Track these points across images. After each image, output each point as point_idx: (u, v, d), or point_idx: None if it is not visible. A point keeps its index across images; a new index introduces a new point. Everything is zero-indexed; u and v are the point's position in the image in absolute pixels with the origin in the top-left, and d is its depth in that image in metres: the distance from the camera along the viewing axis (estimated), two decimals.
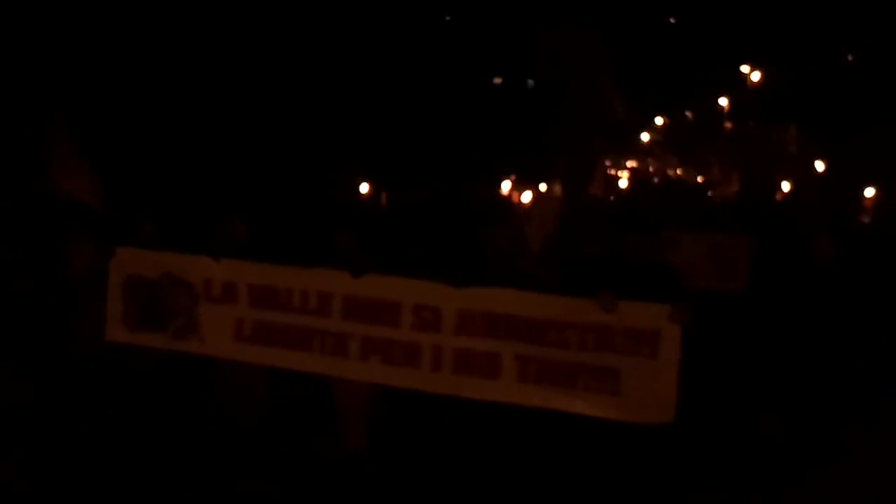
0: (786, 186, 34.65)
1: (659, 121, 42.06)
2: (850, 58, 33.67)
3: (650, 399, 6.69)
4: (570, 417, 6.85)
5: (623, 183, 39.27)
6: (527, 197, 31.59)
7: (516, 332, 6.98)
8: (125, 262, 8.05)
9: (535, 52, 34.11)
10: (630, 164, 42.04)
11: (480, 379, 7.06)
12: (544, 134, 32.43)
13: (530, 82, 36.66)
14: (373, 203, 23.58)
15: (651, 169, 41.92)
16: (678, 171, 40.68)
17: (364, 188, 25.29)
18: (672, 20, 39.54)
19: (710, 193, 34.87)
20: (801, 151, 35.34)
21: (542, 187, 32.33)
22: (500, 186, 29.22)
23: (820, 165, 33.53)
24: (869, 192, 30.55)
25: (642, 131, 42.01)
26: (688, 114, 40.52)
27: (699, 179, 38.92)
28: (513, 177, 29.94)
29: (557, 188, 29.87)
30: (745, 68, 37.50)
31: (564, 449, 7.32)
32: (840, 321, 6.90)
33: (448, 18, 34.04)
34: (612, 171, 40.28)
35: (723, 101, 39.16)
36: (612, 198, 32.74)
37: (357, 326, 7.40)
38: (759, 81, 37.67)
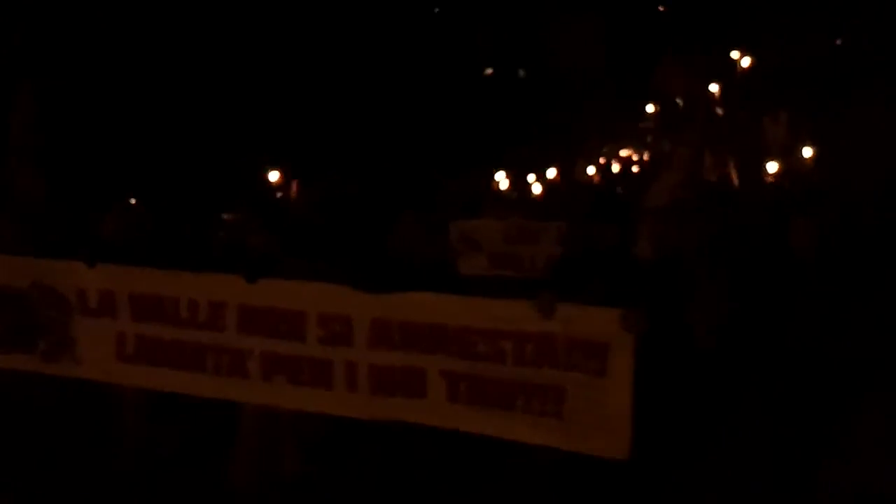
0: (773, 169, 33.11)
1: (650, 108, 40.53)
2: (838, 42, 32.13)
3: (600, 425, 5.17)
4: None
5: (615, 168, 37.60)
6: (537, 187, 30.11)
7: (442, 344, 5.46)
8: None
9: (529, 42, 32.85)
10: (623, 152, 40.48)
11: (403, 399, 5.56)
12: (539, 123, 31.10)
13: (521, 72, 35.32)
14: (283, 194, 21.66)
15: (644, 156, 40.35)
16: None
17: (273, 176, 23.28)
18: (661, 8, 38.12)
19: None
20: (791, 137, 33.82)
21: (531, 176, 30.82)
22: (482, 176, 27.67)
23: (808, 151, 31.94)
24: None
25: (635, 119, 40.53)
26: (678, 101, 38.89)
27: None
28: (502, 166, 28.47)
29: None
30: (735, 54, 35.97)
31: (509, 477, 5.81)
32: (820, 320, 5.38)
33: (437, 10, 32.59)
34: (604, 160, 38.76)
35: (713, 88, 37.61)
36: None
37: (256, 341, 5.89)
38: (748, 67, 36.17)
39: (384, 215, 6.12)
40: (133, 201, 7.02)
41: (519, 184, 28.84)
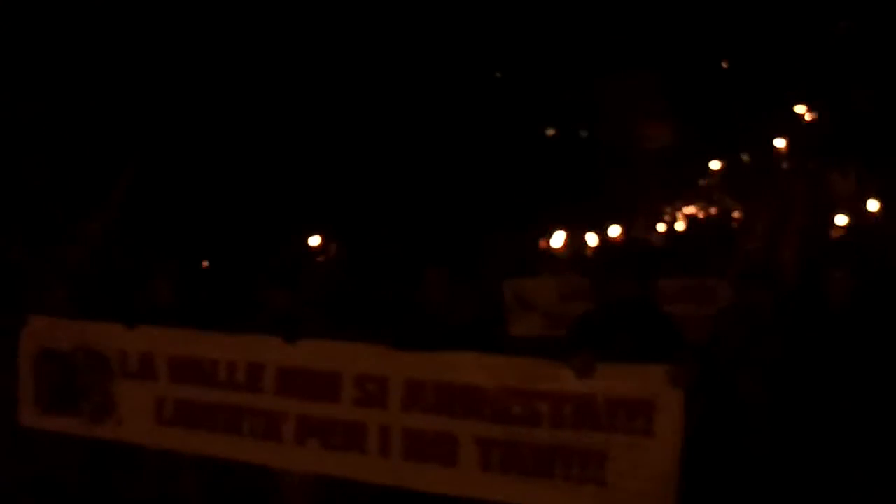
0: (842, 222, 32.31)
1: (715, 164, 39.98)
2: None
3: (646, 490, 4.88)
4: None
5: (679, 226, 37.03)
6: (592, 241, 29.76)
7: (475, 407, 5.24)
8: (37, 333, 6.52)
9: (591, 101, 32.73)
10: (687, 209, 39.93)
11: (436, 466, 5.32)
12: (598, 182, 30.83)
13: (583, 133, 35.17)
14: (322, 256, 21.34)
15: (709, 212, 39.73)
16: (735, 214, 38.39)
17: (315, 240, 22.97)
18: (725, 64, 37.79)
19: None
20: (859, 191, 33.05)
21: (591, 236, 30.48)
22: (538, 235, 27.34)
23: (875, 205, 31.13)
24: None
25: (698, 175, 39.98)
26: (744, 156, 38.33)
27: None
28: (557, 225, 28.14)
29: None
30: (800, 108, 35.40)
31: None
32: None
33: (499, 75, 32.63)
34: (669, 216, 38.28)
35: (779, 143, 36.99)
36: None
37: (292, 403, 5.73)
38: (813, 120, 35.57)
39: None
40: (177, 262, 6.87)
41: (574, 242, 28.54)
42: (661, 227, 36.77)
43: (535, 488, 5.08)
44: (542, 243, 27.20)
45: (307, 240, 22.16)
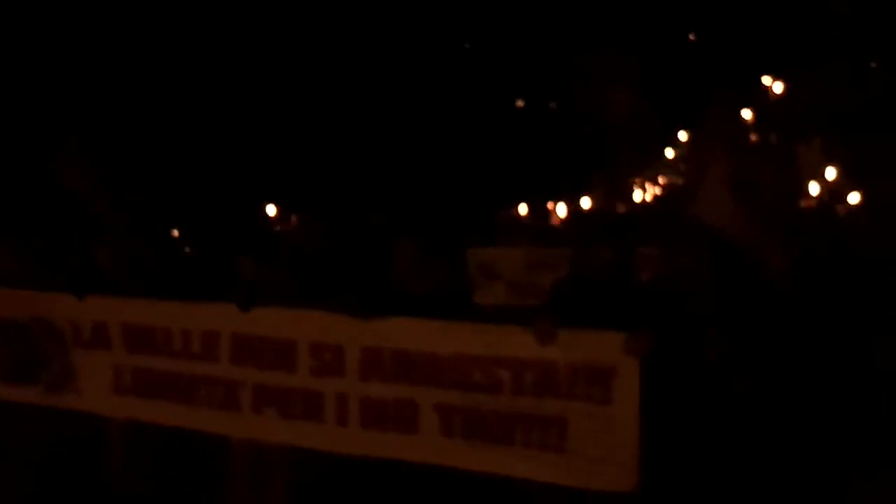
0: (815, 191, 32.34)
1: (683, 136, 39.91)
2: (873, 65, 31.46)
3: (606, 457, 4.78)
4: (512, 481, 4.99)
5: (637, 196, 36.84)
6: (561, 211, 29.65)
7: (435, 374, 5.12)
8: None
9: (561, 75, 32.55)
10: (661, 179, 39.85)
11: (395, 434, 5.21)
12: (571, 153, 30.71)
13: (552, 104, 35.02)
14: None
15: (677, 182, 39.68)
16: None
17: (270, 210, 22.59)
18: (692, 37, 37.72)
19: None
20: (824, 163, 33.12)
21: (559, 206, 30.37)
22: (505, 206, 27.13)
23: (832, 173, 31.21)
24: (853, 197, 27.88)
25: (667, 147, 39.89)
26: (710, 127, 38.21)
27: None
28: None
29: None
30: (766, 80, 35.37)
31: None
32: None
33: (467, 46, 32.37)
34: (639, 187, 38.17)
35: (746, 114, 36.96)
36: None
37: (249, 372, 5.60)
38: (781, 93, 35.55)
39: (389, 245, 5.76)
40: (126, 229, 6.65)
41: (541, 213, 28.41)
42: (633, 197, 36.69)
43: (495, 455, 4.98)
44: (508, 213, 27.07)
45: (277, 209, 21.89)
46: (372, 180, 21.21)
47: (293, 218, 20.28)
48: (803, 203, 30.29)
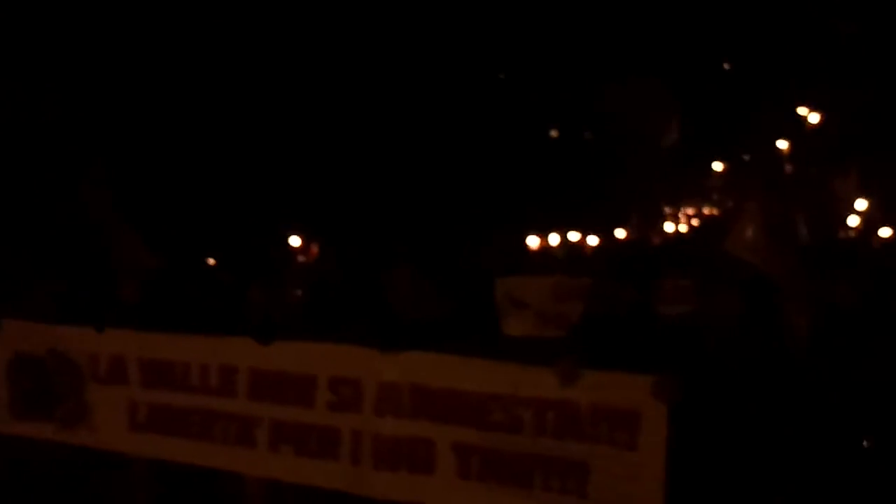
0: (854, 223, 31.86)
1: (717, 166, 39.57)
2: None
3: None
4: None
5: (670, 227, 36.51)
6: (593, 242, 29.36)
7: (453, 412, 4.93)
8: (11, 337, 6.25)
9: (595, 104, 32.38)
10: (689, 210, 39.51)
11: (410, 475, 5.02)
12: (604, 182, 30.47)
13: (587, 135, 34.87)
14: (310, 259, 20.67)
15: (712, 212, 39.27)
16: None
17: (295, 241, 22.19)
18: (727, 66, 37.42)
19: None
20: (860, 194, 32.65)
21: (591, 237, 30.09)
22: (535, 235, 26.84)
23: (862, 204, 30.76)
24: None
25: (701, 177, 39.56)
26: (745, 157, 37.89)
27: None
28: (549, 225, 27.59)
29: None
30: (802, 111, 35.01)
31: None
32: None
33: (502, 76, 32.27)
34: (672, 217, 37.83)
35: (782, 145, 36.55)
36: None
37: (266, 408, 5.44)
38: (817, 124, 35.18)
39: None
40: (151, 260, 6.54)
41: (572, 243, 28.17)
42: (665, 228, 36.36)
43: (513, 499, 4.78)
44: (538, 243, 26.82)
45: (291, 240, 21.68)
46: (398, 209, 21.06)
47: (316, 248, 20.13)
48: (841, 234, 29.90)
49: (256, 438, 5.42)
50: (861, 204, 30.35)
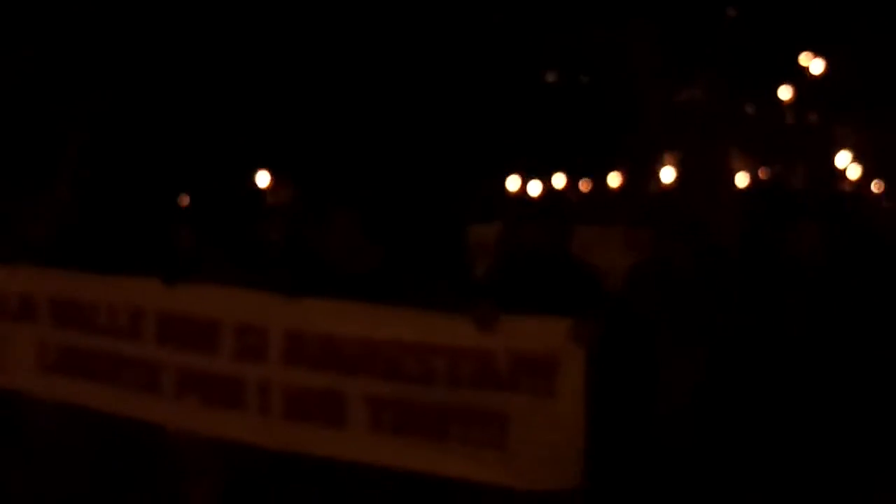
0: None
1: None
2: None
3: (549, 455, 4.23)
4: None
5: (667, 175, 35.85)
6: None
7: (364, 362, 4.58)
8: None
9: (591, 48, 31.72)
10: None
11: (320, 428, 4.68)
12: (604, 129, 29.94)
13: (583, 78, 34.19)
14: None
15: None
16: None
17: (264, 180, 21.47)
18: (732, 12, 36.58)
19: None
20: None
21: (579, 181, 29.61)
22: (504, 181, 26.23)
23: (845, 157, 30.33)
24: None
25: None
26: (747, 107, 37.19)
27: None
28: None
29: None
30: (805, 58, 34.24)
31: None
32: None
33: (496, 20, 31.53)
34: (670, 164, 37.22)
35: (785, 94, 35.81)
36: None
37: (172, 353, 5.09)
38: (821, 73, 34.43)
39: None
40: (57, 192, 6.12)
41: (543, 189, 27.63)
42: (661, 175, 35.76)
43: (429, 452, 4.45)
44: (508, 189, 26.25)
45: (260, 179, 21.07)
46: (370, 154, 20.50)
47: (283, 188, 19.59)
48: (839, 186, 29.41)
49: (163, 385, 5.08)
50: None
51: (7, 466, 5.64)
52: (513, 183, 25.60)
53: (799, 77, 34.66)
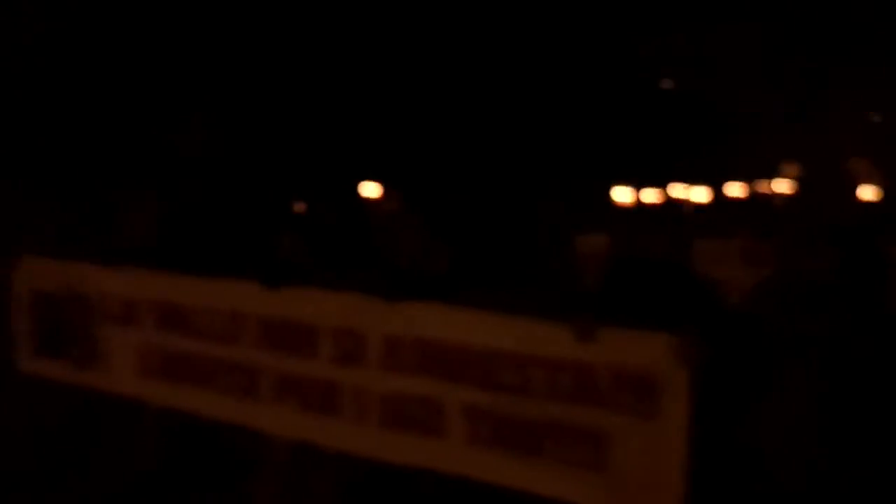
0: None
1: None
2: None
3: (650, 480, 4.01)
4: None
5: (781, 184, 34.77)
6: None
7: (463, 370, 4.44)
8: (28, 274, 6.04)
9: (707, 53, 31.02)
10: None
11: (416, 437, 4.56)
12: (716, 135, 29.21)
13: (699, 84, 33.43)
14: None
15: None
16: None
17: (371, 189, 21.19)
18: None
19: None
20: None
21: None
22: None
23: None
24: None
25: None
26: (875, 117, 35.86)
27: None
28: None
29: None
30: None
31: None
32: None
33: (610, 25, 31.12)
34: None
35: None
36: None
37: (271, 357, 5.05)
38: None
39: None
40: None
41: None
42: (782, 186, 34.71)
43: (522, 469, 4.27)
44: (616, 199, 25.69)
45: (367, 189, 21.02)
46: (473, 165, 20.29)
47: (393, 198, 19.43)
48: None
49: (261, 390, 5.06)
50: None
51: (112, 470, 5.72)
52: (622, 193, 25.12)
53: None
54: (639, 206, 24.20)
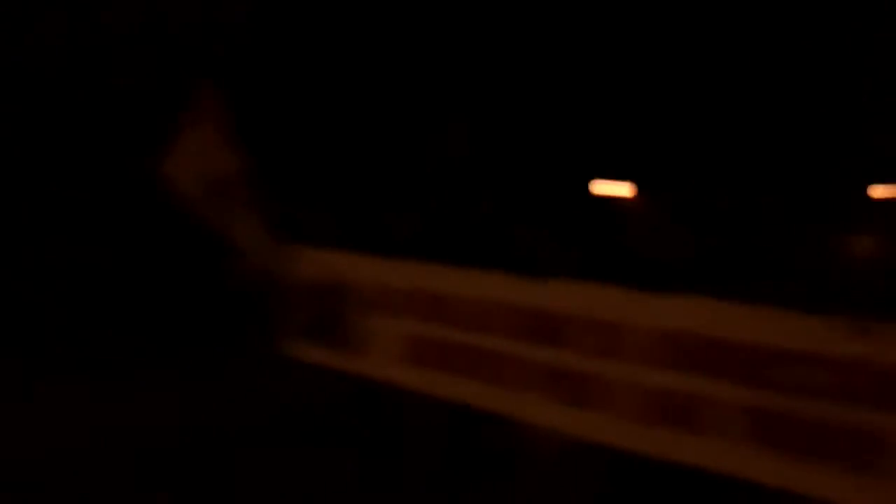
0: None
1: None
2: None
3: None
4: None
5: None
6: None
7: (724, 366, 4.36)
8: (297, 263, 6.46)
9: None
10: None
11: (676, 432, 4.52)
12: None
13: None
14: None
15: None
16: None
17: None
18: None
19: None
20: None
21: None
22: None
23: None
24: None
25: None
26: None
27: None
28: None
29: None
30: None
31: None
32: None
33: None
34: None
35: None
36: None
37: (532, 349, 5.16)
38: None
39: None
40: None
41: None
42: None
43: (805, 472, 4.13)
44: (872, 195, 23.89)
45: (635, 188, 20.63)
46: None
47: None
48: None
49: (520, 380, 5.17)
50: None
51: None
52: (882, 189, 23.49)
53: None
54: None
